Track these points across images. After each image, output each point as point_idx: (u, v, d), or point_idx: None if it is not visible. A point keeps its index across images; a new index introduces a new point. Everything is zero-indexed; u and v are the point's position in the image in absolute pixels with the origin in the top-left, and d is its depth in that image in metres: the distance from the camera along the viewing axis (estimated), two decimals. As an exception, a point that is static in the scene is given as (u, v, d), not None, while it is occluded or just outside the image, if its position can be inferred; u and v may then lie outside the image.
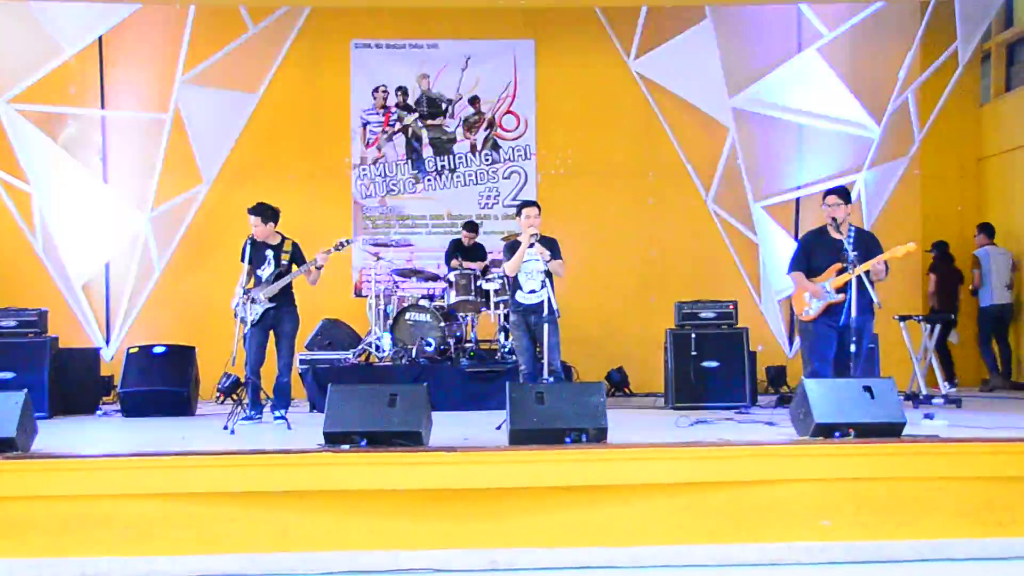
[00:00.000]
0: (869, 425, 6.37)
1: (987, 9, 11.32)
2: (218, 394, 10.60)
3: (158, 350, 9.63)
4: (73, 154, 11.26)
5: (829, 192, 7.76)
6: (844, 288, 7.40)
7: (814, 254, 7.73)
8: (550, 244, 8.02)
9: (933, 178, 12.10)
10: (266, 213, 8.45)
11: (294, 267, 8.51)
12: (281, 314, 8.47)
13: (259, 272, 8.39)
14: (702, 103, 11.71)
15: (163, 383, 9.39)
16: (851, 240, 7.50)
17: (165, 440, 7.37)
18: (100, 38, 11.22)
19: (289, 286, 8.50)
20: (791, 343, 11.62)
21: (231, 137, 11.66)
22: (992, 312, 11.42)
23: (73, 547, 5.73)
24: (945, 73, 11.45)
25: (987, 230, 11.65)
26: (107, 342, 11.43)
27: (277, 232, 8.56)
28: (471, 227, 11.24)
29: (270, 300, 8.37)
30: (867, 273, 7.28)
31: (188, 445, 6.76)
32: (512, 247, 8.06)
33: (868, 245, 7.54)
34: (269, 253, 8.47)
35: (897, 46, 11.32)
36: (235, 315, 8.48)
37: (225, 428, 7.56)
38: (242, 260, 8.41)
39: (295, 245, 8.60)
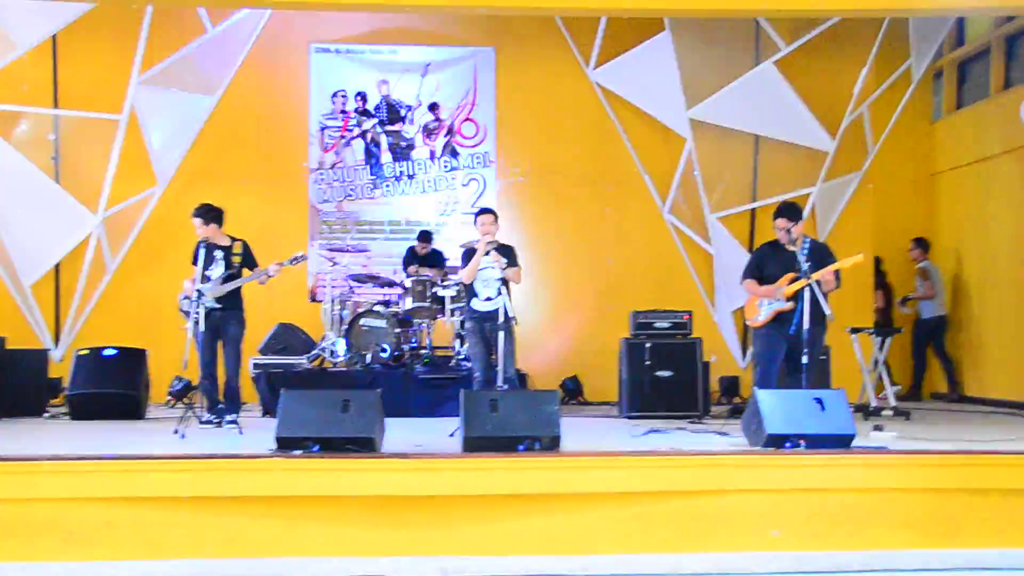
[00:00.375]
0: (820, 436, 6.45)
1: (940, 28, 11.51)
2: (169, 398, 10.49)
3: (108, 352, 9.50)
4: (25, 153, 11.08)
5: (777, 214, 7.84)
6: (795, 297, 7.48)
7: (767, 265, 7.84)
8: (507, 251, 8.04)
9: (885, 192, 12.24)
10: (208, 214, 8.46)
11: (245, 271, 8.48)
12: (227, 317, 8.44)
13: (208, 272, 8.34)
14: (660, 114, 11.75)
15: (112, 386, 9.26)
16: (805, 252, 7.60)
17: (113, 443, 7.29)
18: (54, 36, 11.04)
19: (238, 289, 8.49)
20: (744, 354, 11.69)
21: (187, 139, 11.53)
22: (931, 323, 11.73)
23: (14, 552, 5.65)
24: (898, 89, 11.65)
25: (923, 244, 12.00)
26: (56, 344, 11.26)
27: (226, 234, 8.56)
28: (424, 237, 11.22)
29: (216, 301, 8.34)
30: (819, 284, 7.36)
31: (138, 449, 6.67)
32: (469, 254, 8.09)
33: (822, 256, 7.64)
34: (219, 254, 8.45)
35: (852, 62, 11.45)
36: (180, 309, 8.44)
37: (175, 432, 7.46)
38: (194, 262, 8.41)
39: (245, 246, 8.58)
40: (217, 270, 8.42)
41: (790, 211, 7.82)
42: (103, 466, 5.88)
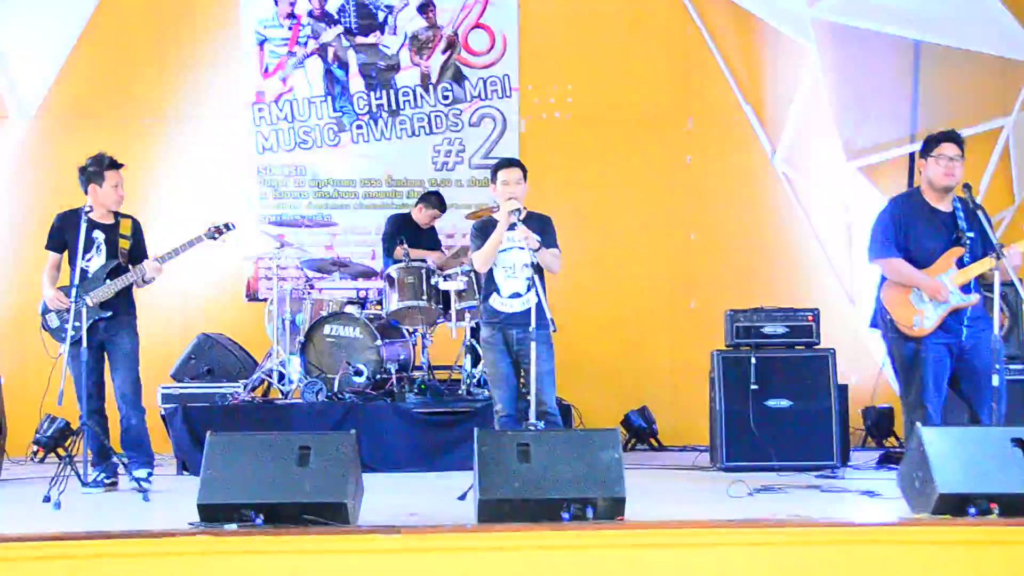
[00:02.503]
0: (1022, 497, 6.38)
1: None
2: (36, 448, 10.53)
3: (-60, 384, 9.57)
4: None
5: (944, 137, 7.67)
6: (968, 287, 7.42)
7: (915, 231, 7.67)
8: (541, 225, 8.03)
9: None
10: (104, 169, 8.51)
11: (131, 266, 8.54)
12: (118, 326, 8.53)
13: (84, 263, 8.36)
14: (768, 11, 11.73)
15: (-50, 432, 9.31)
16: (961, 212, 7.52)
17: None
18: None
19: (129, 287, 8.57)
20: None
21: (57, 57, 11.59)
22: None
23: None
24: None
25: None
26: None
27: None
28: (434, 201, 11.20)
29: (101, 307, 8.40)
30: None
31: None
32: (484, 228, 8.06)
33: (981, 222, 7.55)
34: (99, 236, 8.49)
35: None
36: (44, 327, 8.49)
37: (47, 499, 7.47)
38: (49, 247, 8.55)
39: (136, 225, 8.70)
40: (97, 260, 8.47)
41: (958, 137, 7.69)
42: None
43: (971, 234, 7.39)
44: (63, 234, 8.50)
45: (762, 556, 6.13)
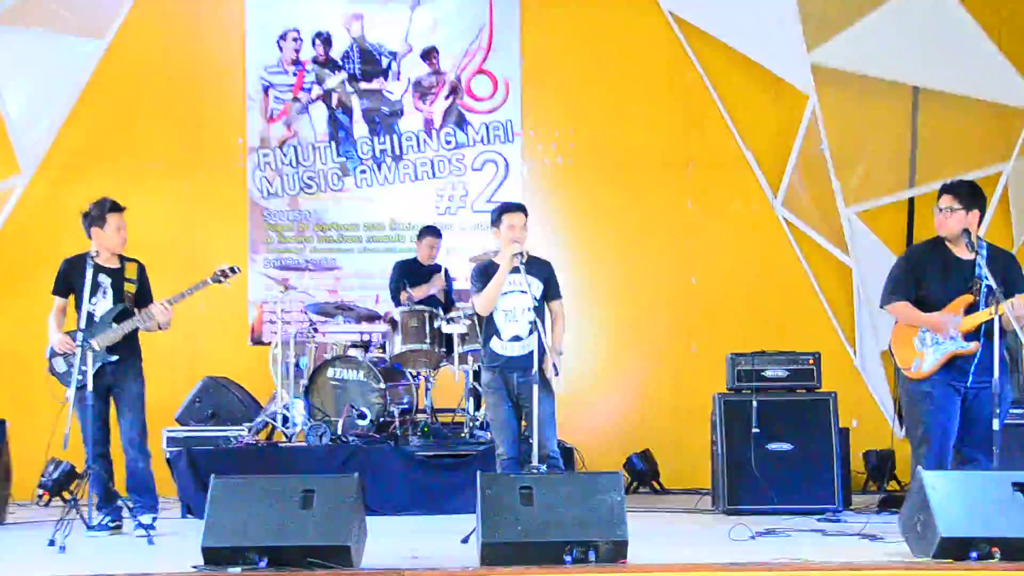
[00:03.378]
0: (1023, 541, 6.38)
1: None
2: (41, 492, 10.52)
3: (-52, 425, 9.57)
4: None
5: (944, 190, 7.71)
6: (976, 333, 7.42)
7: (927, 278, 7.71)
8: (544, 272, 8.05)
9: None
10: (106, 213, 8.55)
11: (137, 310, 8.57)
12: (124, 369, 8.55)
13: (90, 307, 8.38)
14: (768, 59, 11.76)
15: (-44, 475, 9.31)
16: (983, 262, 7.52)
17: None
18: None
19: (135, 331, 8.60)
20: (901, 418, 11.63)
21: (64, 106, 11.63)
22: None
23: None
24: None
25: None
26: None
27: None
28: (432, 233, 11.21)
29: (108, 351, 8.42)
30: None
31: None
32: (485, 271, 8.07)
33: (1005, 271, 7.56)
34: (105, 280, 8.52)
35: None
36: (51, 372, 8.52)
37: (52, 543, 7.47)
38: (56, 291, 8.60)
39: (141, 269, 8.74)
40: (103, 304, 8.51)
41: (966, 191, 7.72)
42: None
43: (988, 282, 7.39)
44: (69, 279, 8.53)
45: (765, 599, 6.13)
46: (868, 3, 11.36)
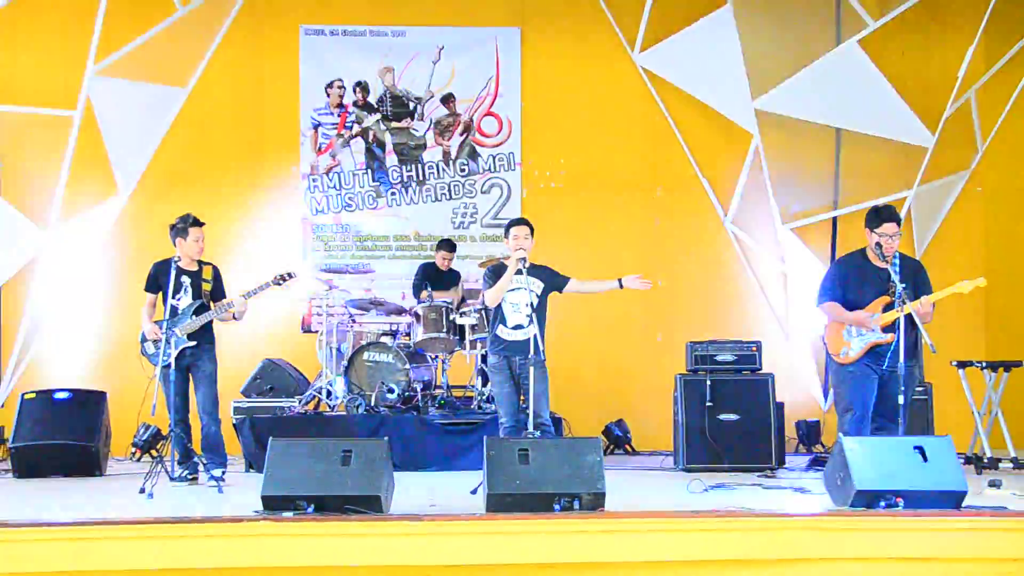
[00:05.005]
0: (922, 493, 6.37)
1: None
2: (134, 450, 10.53)
3: (60, 395, 9.54)
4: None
5: (878, 218, 7.65)
6: (892, 327, 7.42)
7: (852, 283, 7.73)
8: (544, 273, 8.05)
9: (997, 195, 12.11)
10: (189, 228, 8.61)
11: (212, 304, 8.61)
12: (201, 352, 8.61)
13: (174, 302, 8.44)
14: (720, 105, 11.73)
15: (66, 436, 9.28)
16: (897, 269, 7.52)
17: (66, 505, 7.30)
18: (-10, 16, 11.18)
19: (210, 321, 8.64)
20: (826, 393, 11.62)
21: (154, 140, 11.61)
22: None
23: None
24: (1015, 70, 11.53)
25: None
26: (-3, 385, 11.33)
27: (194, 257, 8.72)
28: (448, 246, 11.21)
29: (188, 337, 8.48)
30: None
31: (97, 512, 6.68)
32: (496, 271, 8.09)
33: (916, 277, 7.57)
34: (186, 280, 8.58)
35: (956, 37, 11.40)
36: (142, 353, 8.58)
37: (142, 491, 7.52)
38: (147, 288, 8.67)
39: (216, 271, 8.79)
40: (185, 300, 8.56)
41: (895, 215, 7.70)
42: (54, 533, 5.87)
43: (903, 286, 7.40)
44: (158, 279, 8.59)
45: (715, 541, 6.11)
46: (800, 61, 11.36)
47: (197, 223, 8.61)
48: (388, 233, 12.13)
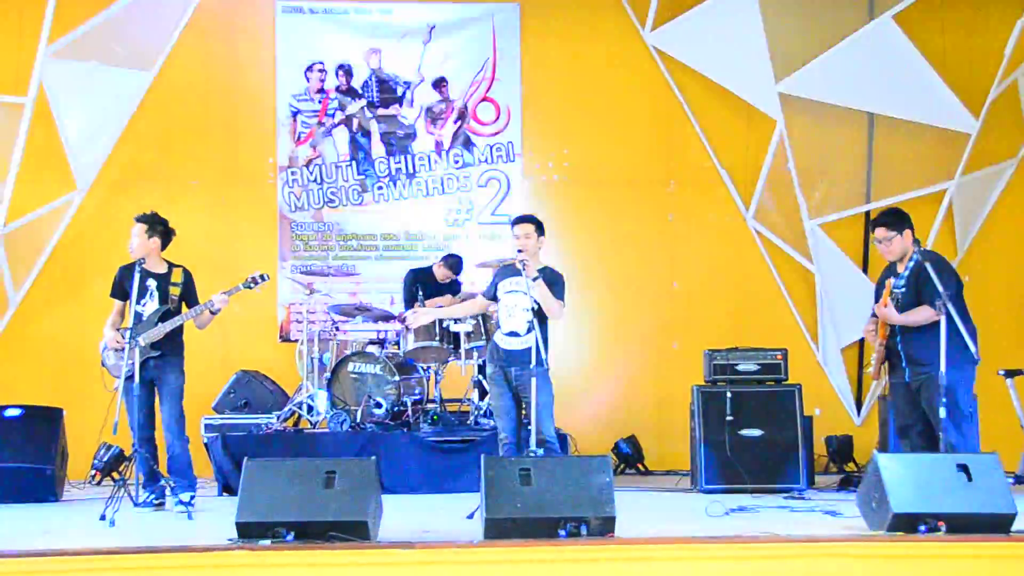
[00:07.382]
0: (966, 517, 6.36)
1: None
2: (93, 472, 10.53)
3: (11, 413, 9.52)
4: None
5: (875, 223, 7.94)
6: (893, 337, 7.55)
7: (880, 290, 7.88)
8: (548, 278, 8.02)
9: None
10: (155, 226, 8.59)
11: (184, 307, 8.59)
12: (165, 364, 8.55)
13: (139, 308, 8.42)
14: (741, 88, 11.75)
15: (18, 458, 9.27)
16: (907, 269, 7.67)
17: (20, 534, 7.28)
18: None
19: (179, 330, 8.61)
20: (859, 406, 11.63)
21: (115, 129, 11.62)
22: None
23: None
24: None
25: None
26: (-57, 402, 11.33)
27: (163, 259, 8.69)
28: (451, 263, 11.12)
29: (152, 347, 8.43)
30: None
31: (52, 542, 6.67)
32: (502, 274, 8.14)
33: (919, 275, 7.61)
34: (152, 284, 8.56)
35: (1003, 11, 11.39)
36: (103, 364, 8.58)
37: (103, 518, 7.49)
38: (113, 295, 8.64)
39: (187, 275, 8.74)
40: (151, 305, 8.53)
41: (889, 219, 7.84)
42: (5, 566, 5.86)
43: (902, 288, 7.62)
44: (123, 284, 8.57)
45: (737, 569, 6.10)
46: (828, 39, 11.37)
47: (141, 219, 8.62)
48: (375, 231, 12.13)
